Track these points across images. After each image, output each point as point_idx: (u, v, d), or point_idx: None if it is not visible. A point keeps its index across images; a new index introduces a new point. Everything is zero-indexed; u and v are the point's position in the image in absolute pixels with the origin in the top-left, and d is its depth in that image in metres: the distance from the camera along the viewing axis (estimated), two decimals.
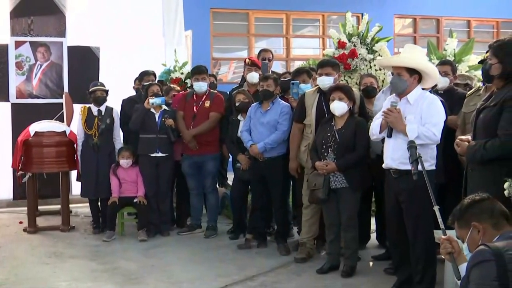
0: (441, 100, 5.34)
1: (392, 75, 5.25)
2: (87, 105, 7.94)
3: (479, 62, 6.20)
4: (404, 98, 5.10)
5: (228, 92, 8.25)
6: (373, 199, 6.89)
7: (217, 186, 8.24)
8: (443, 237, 3.30)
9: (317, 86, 6.40)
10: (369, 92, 6.69)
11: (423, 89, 5.18)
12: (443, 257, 3.40)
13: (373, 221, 7.01)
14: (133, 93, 8.65)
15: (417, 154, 4.13)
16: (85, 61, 9.46)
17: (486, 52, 5.60)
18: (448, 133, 5.52)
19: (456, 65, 7.37)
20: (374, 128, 5.33)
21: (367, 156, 6.23)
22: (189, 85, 8.77)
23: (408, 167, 4.85)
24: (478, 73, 7.08)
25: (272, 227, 7.40)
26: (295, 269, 6.24)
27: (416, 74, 5.05)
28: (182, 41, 10.28)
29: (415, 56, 5.13)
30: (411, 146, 4.22)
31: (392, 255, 5.59)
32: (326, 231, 6.13)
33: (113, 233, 7.53)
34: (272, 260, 6.55)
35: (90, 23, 9.49)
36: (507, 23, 15.08)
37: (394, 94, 5.29)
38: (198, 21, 12.07)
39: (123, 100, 8.39)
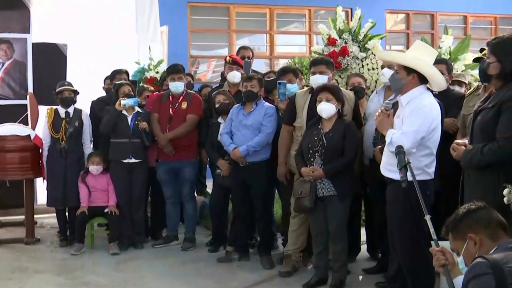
0: (437, 102, 5.37)
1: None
2: (54, 107, 7.90)
3: (474, 60, 6.22)
4: (399, 99, 5.10)
5: (198, 89, 8.24)
6: (363, 207, 6.92)
7: (195, 194, 8.23)
8: (436, 248, 3.31)
9: (309, 86, 6.42)
10: (357, 93, 6.71)
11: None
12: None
13: (363, 231, 7.03)
14: (103, 93, 8.61)
15: (406, 160, 4.14)
16: (51, 59, 9.39)
17: (481, 50, 5.65)
18: (444, 136, 5.55)
19: (452, 63, 7.42)
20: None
21: (360, 162, 6.26)
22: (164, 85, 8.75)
23: (390, 175, 4.89)
24: (475, 72, 7.14)
25: (254, 239, 7.40)
26: (279, 284, 6.24)
27: (414, 73, 4.94)
28: (157, 37, 10.25)
29: (417, 54, 5.04)
30: (399, 151, 4.22)
31: (389, 265, 5.58)
32: (313, 243, 6.14)
33: (82, 245, 7.49)
34: (254, 274, 6.55)
35: (57, 18, 9.43)
36: (505, 19, 15.22)
37: (377, 94, 5.27)
38: (174, 16, 12.06)
39: (93, 102, 8.36)
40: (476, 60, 5.97)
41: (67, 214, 7.93)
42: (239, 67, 7.62)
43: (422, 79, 4.97)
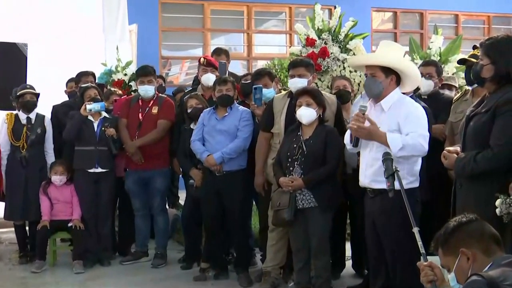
0: (424, 107, 5.40)
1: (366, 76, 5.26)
2: (14, 112, 7.83)
3: (458, 62, 6.24)
4: (377, 104, 5.11)
5: (172, 93, 8.19)
6: (348, 220, 6.92)
7: (167, 206, 8.19)
8: (424, 263, 3.32)
9: (287, 90, 6.42)
10: (342, 97, 6.72)
11: (403, 93, 5.22)
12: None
13: (348, 246, 7.04)
14: (66, 97, 8.54)
15: (394, 168, 4.15)
16: (10, 59, 9.30)
17: (474, 47, 5.69)
18: (434, 144, 5.57)
19: (442, 65, 7.47)
20: (346, 138, 5.37)
21: (343, 171, 6.26)
22: (133, 88, 8.71)
23: (383, 185, 4.89)
24: None
25: (231, 254, 7.38)
26: None
27: (392, 75, 5.03)
28: (126, 37, 10.23)
29: (390, 53, 5.12)
30: (387, 158, 4.24)
31: (372, 281, 5.59)
32: (293, 258, 6.13)
33: (43, 263, 7.42)
34: None
35: (17, 15, 9.38)
36: (499, 18, 15.35)
37: (362, 98, 5.29)
38: (144, 14, 12.03)
39: (54, 107, 8.28)
40: (460, 62, 6.01)
41: (27, 228, 7.85)
42: (214, 69, 7.60)
43: (398, 81, 5.08)
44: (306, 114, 5.88)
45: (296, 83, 6.24)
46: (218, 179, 6.75)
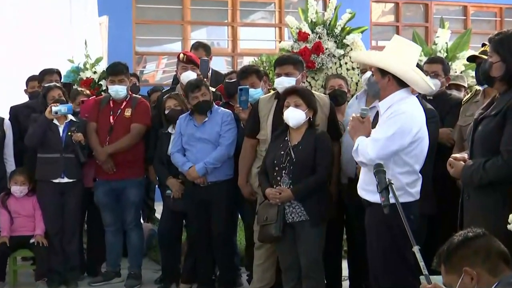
0: (431, 109, 5.44)
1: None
2: None
3: (468, 59, 6.28)
4: (377, 106, 5.13)
5: (147, 92, 8.20)
6: (345, 236, 6.95)
7: (142, 220, 8.19)
8: (428, 285, 3.35)
9: (275, 91, 6.43)
10: (338, 98, 6.75)
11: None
12: None
13: (345, 264, 7.05)
14: (26, 98, 8.52)
15: (387, 180, 4.16)
16: None
17: (483, 45, 5.73)
18: (440, 150, 5.61)
19: (449, 63, 7.51)
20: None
21: (338, 181, 6.28)
22: (103, 88, 8.71)
23: (368, 196, 4.92)
24: None
25: (214, 273, 7.40)
26: None
27: (389, 75, 4.93)
28: (95, 30, 10.22)
29: (394, 51, 5.09)
30: (378, 170, 4.24)
31: None
32: (283, 277, 6.13)
33: (2, 284, 7.40)
34: None
35: None
36: None
37: (357, 99, 5.31)
38: (116, 4, 12.04)
39: (13, 108, 8.23)
40: (470, 59, 6.04)
41: None
42: (194, 67, 7.60)
43: (402, 82, 4.96)
44: (294, 116, 5.84)
45: (283, 83, 6.22)
46: (202, 190, 6.77)
